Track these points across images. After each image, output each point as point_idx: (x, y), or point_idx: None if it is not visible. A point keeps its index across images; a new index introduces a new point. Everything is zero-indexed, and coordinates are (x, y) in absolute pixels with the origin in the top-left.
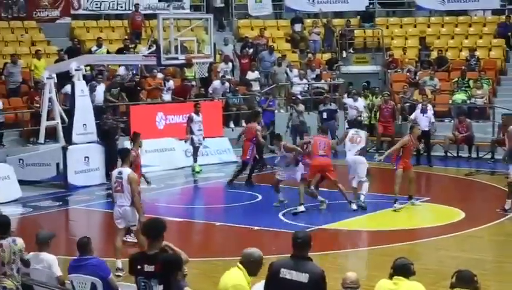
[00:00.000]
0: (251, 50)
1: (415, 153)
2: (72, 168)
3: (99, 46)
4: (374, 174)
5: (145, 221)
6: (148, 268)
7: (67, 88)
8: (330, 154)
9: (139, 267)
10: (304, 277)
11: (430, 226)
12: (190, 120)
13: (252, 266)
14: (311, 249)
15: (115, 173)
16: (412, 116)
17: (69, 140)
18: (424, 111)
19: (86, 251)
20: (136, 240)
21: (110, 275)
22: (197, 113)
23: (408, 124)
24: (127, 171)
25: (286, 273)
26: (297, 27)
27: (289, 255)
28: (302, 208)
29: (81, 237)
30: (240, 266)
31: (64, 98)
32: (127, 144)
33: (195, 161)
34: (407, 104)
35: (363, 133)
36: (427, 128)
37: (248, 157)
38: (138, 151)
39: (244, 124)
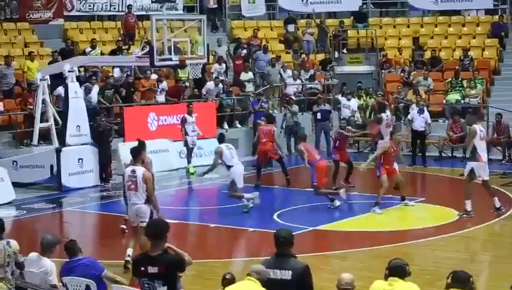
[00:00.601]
0: (244, 51)
1: (410, 153)
2: (65, 170)
3: (94, 47)
4: (368, 175)
5: (148, 222)
6: (152, 269)
7: (60, 90)
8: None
9: (142, 268)
10: (287, 274)
11: (425, 226)
12: (184, 121)
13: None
14: (304, 250)
15: (127, 171)
16: (409, 117)
17: (62, 142)
18: (421, 111)
19: (75, 253)
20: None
21: (104, 271)
22: (190, 114)
23: (402, 124)
24: (140, 169)
25: (270, 273)
26: (291, 27)
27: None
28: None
29: (68, 240)
30: (253, 278)
31: (57, 100)
32: (120, 145)
33: (189, 162)
34: (401, 104)
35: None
36: (422, 129)
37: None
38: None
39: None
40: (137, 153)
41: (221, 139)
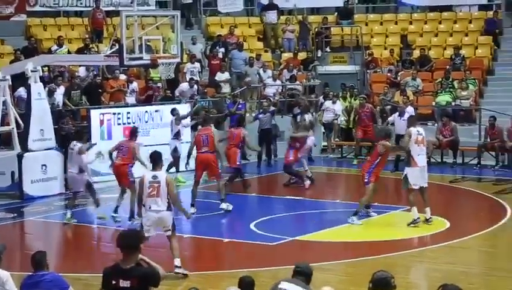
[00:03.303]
0: (222, 49)
1: (393, 159)
2: (28, 177)
3: (60, 45)
4: (353, 183)
5: (121, 232)
6: (124, 283)
7: (22, 91)
8: (214, 149)
9: (113, 282)
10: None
11: (412, 236)
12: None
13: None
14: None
15: (147, 177)
16: (391, 119)
17: (24, 147)
18: (401, 114)
19: (42, 267)
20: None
21: (69, 288)
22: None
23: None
24: (163, 174)
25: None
26: (271, 16)
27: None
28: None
29: (35, 251)
30: None
31: (19, 102)
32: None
33: (177, 170)
34: (388, 106)
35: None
36: (404, 133)
37: (239, 163)
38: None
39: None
40: (159, 158)
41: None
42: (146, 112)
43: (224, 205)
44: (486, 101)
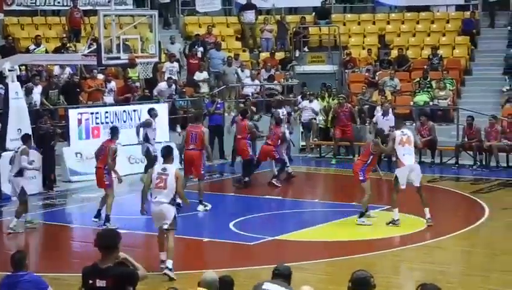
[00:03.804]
0: (201, 49)
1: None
2: (5, 176)
3: (38, 44)
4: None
5: (99, 232)
6: (100, 283)
7: None
8: (201, 147)
9: (90, 281)
10: None
11: (391, 236)
12: (147, 125)
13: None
14: (262, 261)
15: (157, 169)
16: (374, 120)
17: (2, 146)
18: (385, 114)
19: (21, 267)
20: None
21: (48, 288)
22: (154, 118)
23: (367, 127)
24: (172, 167)
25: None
26: (249, 16)
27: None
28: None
29: (16, 251)
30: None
31: None
32: (65, 150)
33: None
34: (366, 106)
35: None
36: (388, 132)
37: (251, 154)
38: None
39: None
40: (169, 152)
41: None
42: (124, 111)
43: (200, 207)
44: (463, 101)
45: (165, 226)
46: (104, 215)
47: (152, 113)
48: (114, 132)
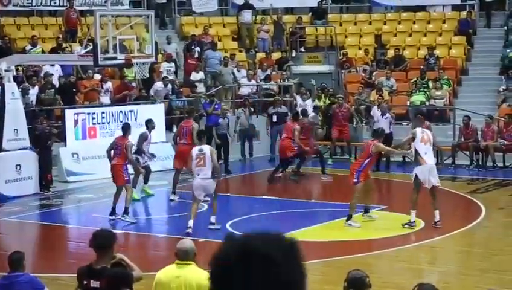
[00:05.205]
0: (198, 49)
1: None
2: (2, 177)
3: (34, 45)
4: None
5: (94, 232)
6: (94, 284)
7: None
8: (191, 142)
9: (85, 282)
10: None
11: (388, 236)
12: (144, 139)
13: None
14: None
15: (195, 151)
16: (375, 119)
17: None
18: (383, 113)
19: (19, 267)
20: None
21: (44, 289)
22: (151, 130)
23: (363, 127)
24: (206, 147)
25: None
26: (246, 16)
27: None
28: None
29: (13, 251)
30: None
31: None
32: (62, 150)
33: (146, 182)
34: (363, 106)
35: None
36: (388, 131)
37: (289, 154)
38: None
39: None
40: (203, 134)
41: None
42: (121, 111)
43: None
44: (460, 101)
45: (206, 198)
46: (123, 208)
47: (149, 125)
48: (126, 128)
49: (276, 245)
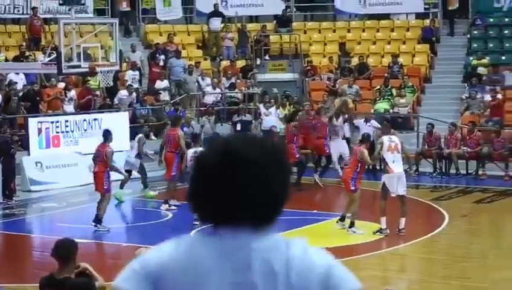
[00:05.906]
0: (162, 57)
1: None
2: None
3: None
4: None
5: (56, 241)
6: None
7: None
8: (176, 150)
9: None
10: None
11: (352, 243)
12: (144, 142)
13: None
14: None
15: (190, 152)
16: (360, 127)
17: None
18: (367, 120)
19: None
20: None
21: None
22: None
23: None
24: (201, 149)
25: None
26: (215, 24)
27: None
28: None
29: None
30: None
31: None
32: (25, 159)
33: (146, 186)
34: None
35: None
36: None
37: (298, 155)
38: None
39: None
40: (197, 137)
41: None
42: (84, 120)
43: (164, 207)
44: (423, 108)
45: None
46: (95, 216)
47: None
48: (106, 135)
49: (257, 146)
